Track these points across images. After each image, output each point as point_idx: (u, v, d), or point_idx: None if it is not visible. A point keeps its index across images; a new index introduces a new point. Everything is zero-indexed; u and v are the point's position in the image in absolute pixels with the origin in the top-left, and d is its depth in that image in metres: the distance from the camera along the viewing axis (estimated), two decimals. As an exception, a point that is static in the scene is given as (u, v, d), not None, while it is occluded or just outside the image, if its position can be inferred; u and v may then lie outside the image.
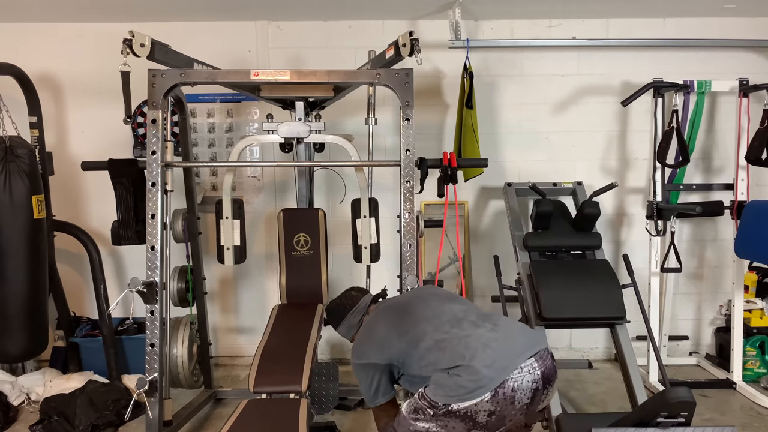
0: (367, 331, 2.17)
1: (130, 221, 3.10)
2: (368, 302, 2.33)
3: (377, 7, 3.71)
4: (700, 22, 4.01)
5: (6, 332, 3.06)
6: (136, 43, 2.62)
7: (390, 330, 2.05)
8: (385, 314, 2.16)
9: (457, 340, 1.87)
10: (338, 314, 2.35)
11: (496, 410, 1.79)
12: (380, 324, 2.12)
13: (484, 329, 1.91)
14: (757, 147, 3.51)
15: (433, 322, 1.98)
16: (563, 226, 3.57)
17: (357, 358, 2.09)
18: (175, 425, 2.98)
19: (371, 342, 2.09)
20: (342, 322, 2.34)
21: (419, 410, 1.89)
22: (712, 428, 1.97)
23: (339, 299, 2.39)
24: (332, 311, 2.38)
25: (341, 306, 2.35)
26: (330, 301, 2.43)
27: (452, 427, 1.82)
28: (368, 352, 2.06)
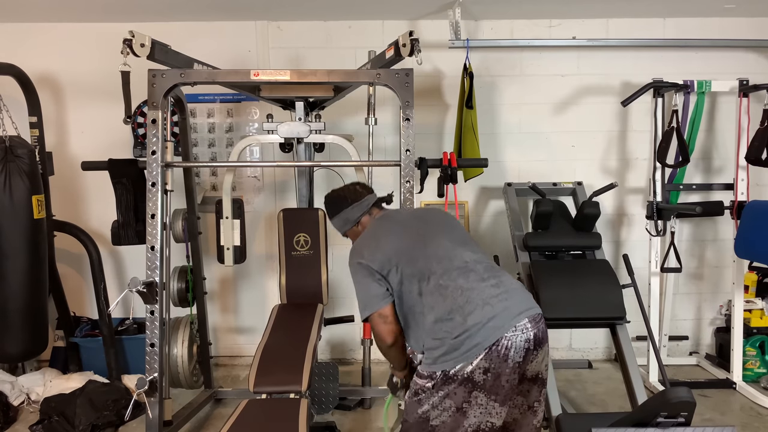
0: (373, 237, 2.08)
1: (130, 221, 3.10)
2: (371, 202, 2.24)
3: (377, 7, 3.71)
4: (700, 22, 4.01)
5: (6, 332, 3.06)
6: (136, 43, 2.62)
7: (399, 250, 1.99)
8: (395, 230, 2.07)
9: (460, 292, 1.87)
10: (337, 205, 2.26)
11: (490, 367, 1.80)
12: (390, 237, 2.04)
13: (487, 284, 1.90)
14: (757, 147, 3.51)
15: (443, 264, 1.93)
16: (563, 226, 3.57)
17: (357, 257, 2.02)
18: (175, 425, 2.98)
19: (377, 250, 2.01)
20: (339, 213, 2.25)
21: (419, 391, 1.89)
22: (712, 428, 1.97)
23: (341, 190, 2.30)
24: (332, 200, 2.29)
25: (342, 198, 2.26)
26: (331, 190, 2.34)
27: (454, 394, 1.83)
28: (371, 256, 2.00)
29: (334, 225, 2.28)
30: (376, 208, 2.26)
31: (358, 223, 2.22)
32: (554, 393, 2.90)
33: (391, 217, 2.19)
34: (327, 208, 2.30)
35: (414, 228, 2.07)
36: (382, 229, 2.11)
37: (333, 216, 2.26)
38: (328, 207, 2.29)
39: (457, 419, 1.85)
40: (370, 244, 2.05)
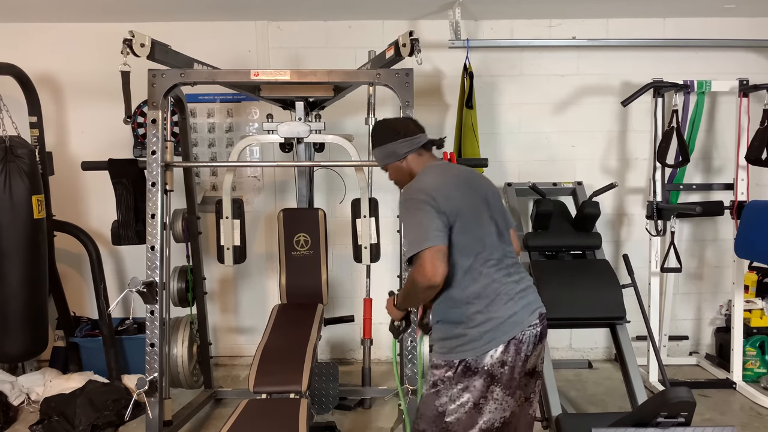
0: (441, 183, 1.93)
1: (130, 221, 3.10)
2: (423, 141, 2.08)
3: (377, 7, 3.71)
4: (700, 22, 4.01)
5: (6, 332, 3.06)
6: (136, 43, 2.62)
7: (463, 211, 1.89)
8: (461, 188, 1.95)
9: (490, 281, 1.87)
10: (385, 135, 2.10)
11: (507, 360, 1.84)
12: (457, 192, 1.92)
13: (512, 280, 1.92)
14: (757, 147, 3.51)
15: (488, 250, 1.90)
16: (563, 226, 3.57)
17: (421, 194, 1.87)
18: (175, 425, 2.98)
19: (448, 198, 1.88)
20: (385, 144, 2.08)
21: (437, 382, 1.90)
22: (712, 428, 1.97)
23: (394, 122, 2.15)
24: (382, 129, 2.13)
25: (393, 129, 2.10)
26: (383, 119, 2.20)
27: (473, 387, 1.85)
28: (441, 198, 1.86)
29: (376, 155, 2.13)
30: (426, 150, 2.11)
31: (404, 159, 2.07)
32: (554, 393, 2.90)
33: (453, 171, 2.04)
34: (374, 135, 2.14)
35: (475, 198, 1.96)
36: (448, 178, 1.97)
37: (378, 145, 2.11)
38: (376, 135, 2.13)
39: (472, 416, 1.86)
40: (439, 187, 1.90)
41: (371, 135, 2.18)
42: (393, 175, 2.14)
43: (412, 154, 2.07)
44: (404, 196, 1.94)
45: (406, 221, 1.89)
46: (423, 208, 1.84)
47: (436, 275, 1.79)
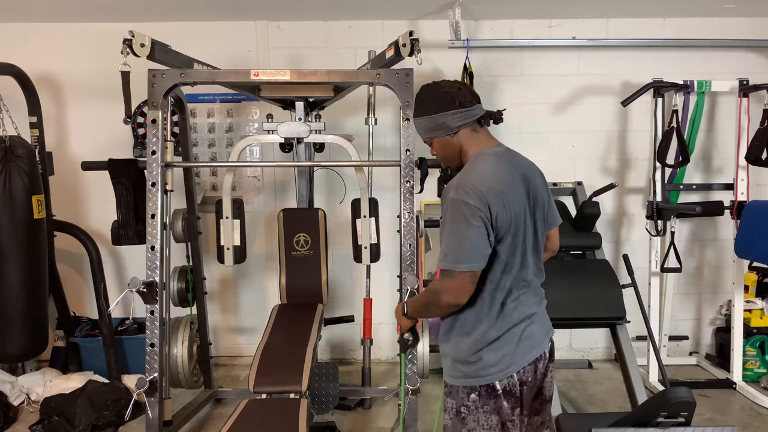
0: (493, 173, 1.66)
1: (130, 221, 3.10)
2: (479, 114, 1.77)
3: (377, 7, 3.71)
4: (700, 22, 4.01)
5: (6, 332, 3.06)
6: (136, 43, 2.62)
7: (519, 218, 1.67)
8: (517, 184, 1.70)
9: (516, 301, 1.73)
10: (437, 102, 1.73)
11: (527, 380, 1.76)
12: (512, 190, 1.67)
13: (536, 300, 1.81)
14: (757, 147, 3.51)
15: (522, 268, 1.74)
16: (563, 226, 3.54)
17: (462, 195, 1.60)
18: (175, 425, 2.98)
19: (505, 206, 1.62)
20: (435, 113, 1.73)
21: (462, 409, 1.75)
22: (712, 428, 1.97)
23: (447, 86, 1.76)
24: (431, 94, 1.76)
25: (447, 96, 1.73)
26: (432, 82, 1.81)
27: (499, 408, 1.72)
28: (489, 197, 1.60)
29: (419, 126, 1.79)
30: (480, 126, 1.80)
31: (456, 134, 1.75)
32: (554, 393, 2.90)
33: (514, 162, 1.77)
34: (421, 101, 1.78)
35: (528, 203, 1.72)
36: (508, 173, 1.69)
37: (425, 114, 1.75)
38: (424, 101, 1.77)
39: None
40: (497, 187, 1.63)
41: (417, 100, 1.80)
42: (439, 151, 1.81)
43: (465, 129, 1.75)
44: (454, 192, 1.62)
45: (450, 227, 1.63)
46: (472, 222, 1.59)
47: (462, 298, 1.66)
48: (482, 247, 1.61)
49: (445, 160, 1.83)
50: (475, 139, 1.77)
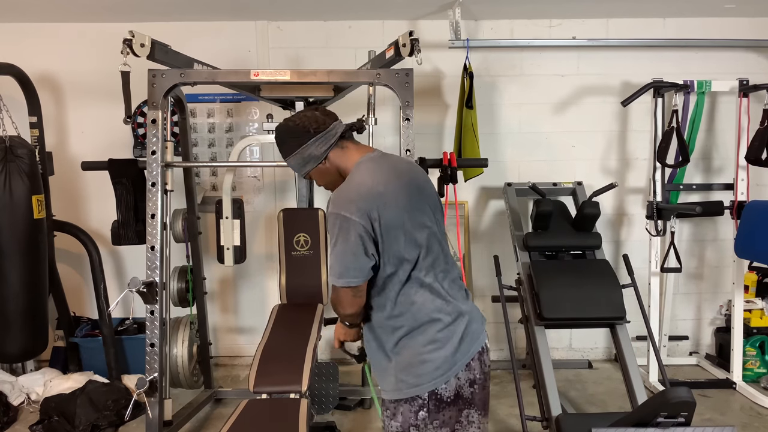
0: (367, 180, 1.65)
1: (130, 221, 3.10)
2: (340, 131, 1.74)
3: (377, 7, 3.71)
4: (700, 22, 4.01)
5: (6, 332, 3.06)
6: (136, 43, 2.62)
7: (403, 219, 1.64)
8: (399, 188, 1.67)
9: (445, 294, 1.70)
10: (296, 137, 1.70)
11: (476, 378, 1.71)
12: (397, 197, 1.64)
13: (458, 286, 1.76)
14: (757, 147, 3.51)
15: (433, 258, 1.70)
16: (563, 226, 3.57)
17: (339, 207, 1.61)
18: (175, 425, 2.98)
19: (372, 197, 1.61)
20: (299, 148, 1.70)
21: (411, 428, 1.67)
22: (712, 428, 1.97)
23: (297, 119, 1.73)
24: (287, 131, 1.73)
25: (302, 128, 1.70)
26: (284, 120, 1.78)
27: (449, 419, 1.68)
28: (365, 204, 1.59)
29: (291, 164, 1.75)
30: (348, 140, 1.78)
31: (326, 160, 1.73)
32: (554, 393, 2.90)
33: (388, 164, 1.75)
34: (281, 143, 1.74)
35: (415, 196, 1.70)
36: (386, 176, 1.67)
37: (290, 154, 1.72)
38: (283, 141, 1.73)
39: None
40: (373, 192, 1.61)
41: (278, 143, 1.76)
42: (321, 180, 1.81)
43: (333, 151, 1.72)
44: (333, 206, 1.63)
45: (332, 241, 1.64)
46: (349, 237, 1.59)
47: (348, 308, 1.71)
48: (361, 262, 1.61)
49: (330, 185, 1.78)
50: (346, 155, 1.75)
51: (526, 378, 3.64)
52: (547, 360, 3.01)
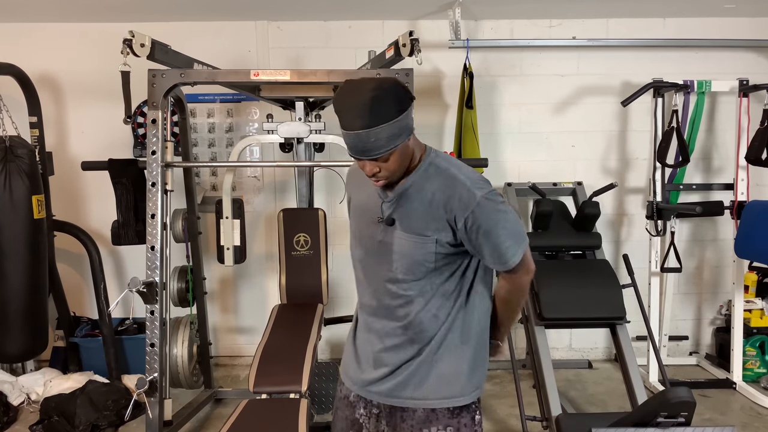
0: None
1: (130, 221, 3.10)
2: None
3: (377, 7, 3.71)
4: (700, 22, 4.01)
5: (6, 332, 3.06)
6: (136, 43, 2.62)
7: None
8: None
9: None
10: (398, 102, 1.37)
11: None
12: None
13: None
14: (757, 147, 3.51)
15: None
16: (563, 226, 3.57)
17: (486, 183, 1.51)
18: (175, 425, 2.98)
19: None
20: (398, 115, 1.36)
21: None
22: (712, 428, 1.97)
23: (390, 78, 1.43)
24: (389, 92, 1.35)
25: (406, 91, 1.40)
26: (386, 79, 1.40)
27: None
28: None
29: (380, 136, 1.35)
30: None
31: (411, 136, 1.45)
32: (554, 393, 2.90)
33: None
34: (380, 103, 1.33)
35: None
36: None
37: (391, 118, 1.35)
38: (384, 101, 1.34)
39: None
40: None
41: (374, 103, 1.33)
42: (397, 163, 1.44)
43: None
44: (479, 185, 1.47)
45: (504, 221, 1.48)
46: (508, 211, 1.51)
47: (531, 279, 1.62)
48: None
49: (398, 172, 1.47)
50: (416, 140, 1.52)
51: (526, 378, 3.64)
52: (547, 360, 3.01)
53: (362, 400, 1.63)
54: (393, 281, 1.53)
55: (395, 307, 1.54)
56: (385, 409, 1.59)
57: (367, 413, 1.63)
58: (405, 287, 1.52)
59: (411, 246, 1.49)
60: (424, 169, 1.50)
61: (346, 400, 1.68)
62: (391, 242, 1.52)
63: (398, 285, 1.53)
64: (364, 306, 1.64)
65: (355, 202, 1.64)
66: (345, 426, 1.68)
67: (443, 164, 1.51)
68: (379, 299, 1.57)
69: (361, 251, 1.61)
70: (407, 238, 1.49)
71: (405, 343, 1.55)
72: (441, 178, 1.49)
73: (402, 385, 1.55)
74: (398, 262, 1.51)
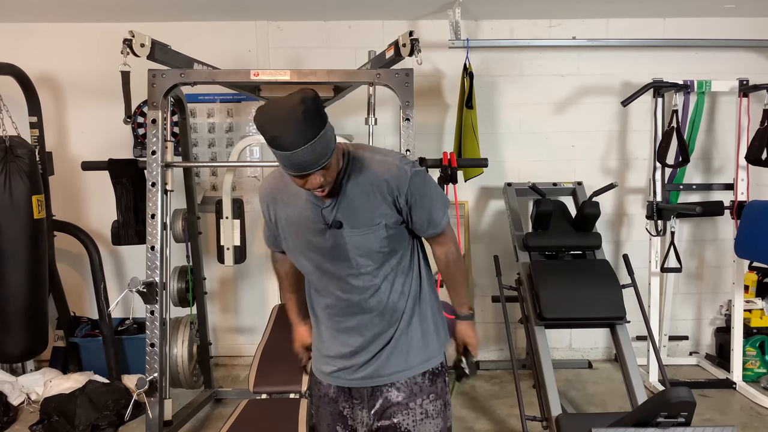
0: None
1: (130, 221, 3.10)
2: None
3: (377, 7, 3.71)
4: (700, 22, 4.01)
5: (6, 332, 3.06)
6: (136, 43, 2.62)
7: None
8: None
9: None
10: (322, 117, 1.42)
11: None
12: None
13: None
14: (757, 147, 3.51)
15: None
16: (563, 226, 3.56)
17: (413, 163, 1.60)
18: (175, 425, 2.97)
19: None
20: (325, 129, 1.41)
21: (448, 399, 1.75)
22: (712, 428, 1.97)
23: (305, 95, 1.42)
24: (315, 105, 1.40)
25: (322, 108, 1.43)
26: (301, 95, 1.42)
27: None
28: None
29: (317, 150, 1.39)
30: None
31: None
32: (554, 393, 2.90)
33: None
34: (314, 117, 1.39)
35: None
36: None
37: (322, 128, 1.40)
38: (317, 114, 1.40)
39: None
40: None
41: (303, 124, 1.37)
42: (335, 169, 1.50)
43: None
44: (409, 165, 1.58)
45: (435, 191, 1.63)
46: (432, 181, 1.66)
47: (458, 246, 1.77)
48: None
49: (332, 176, 1.49)
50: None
51: (526, 378, 3.64)
52: (547, 360, 3.01)
53: (343, 392, 1.70)
54: (357, 276, 1.59)
55: (366, 299, 1.60)
56: (366, 392, 1.66)
57: (349, 404, 1.70)
58: (370, 278, 1.59)
59: (364, 239, 1.56)
60: (351, 165, 1.56)
61: (327, 398, 1.74)
62: (344, 242, 1.56)
63: (363, 278, 1.59)
64: (329, 310, 1.67)
65: (286, 219, 1.64)
66: (331, 421, 1.73)
67: (365, 154, 1.59)
68: (347, 299, 1.62)
69: (312, 261, 1.63)
70: (359, 233, 1.55)
71: (384, 328, 1.63)
72: (371, 167, 1.56)
73: (384, 364, 1.63)
74: (357, 258, 1.57)
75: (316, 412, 1.79)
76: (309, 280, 1.70)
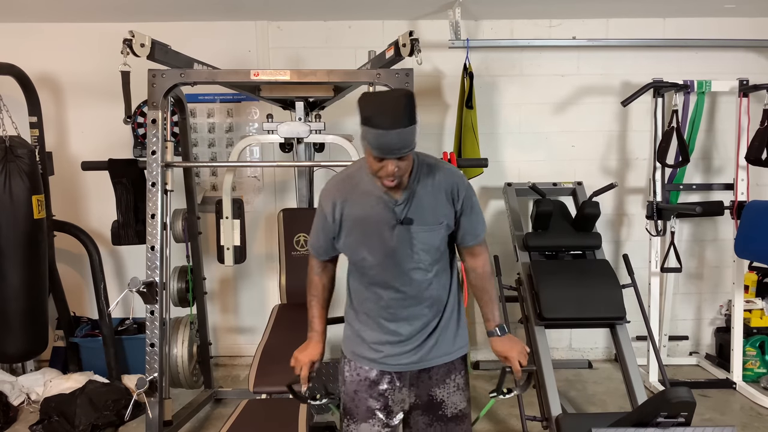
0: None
1: (130, 221, 3.10)
2: None
3: (377, 7, 3.71)
4: (700, 22, 4.01)
5: (6, 332, 3.06)
6: (136, 43, 2.62)
7: None
8: None
9: None
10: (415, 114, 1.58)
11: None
12: None
13: None
14: (757, 147, 3.51)
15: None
16: (563, 226, 3.57)
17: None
18: (175, 425, 2.98)
19: None
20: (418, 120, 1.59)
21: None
22: (712, 428, 1.97)
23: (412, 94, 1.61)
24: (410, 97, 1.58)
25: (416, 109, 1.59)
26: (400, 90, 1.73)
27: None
28: None
29: (406, 138, 1.55)
30: None
31: None
32: (554, 393, 2.90)
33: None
34: (411, 107, 1.55)
35: None
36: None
37: (411, 126, 1.55)
38: (412, 105, 1.56)
39: None
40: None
41: (406, 109, 1.54)
42: (409, 164, 1.67)
43: None
44: (464, 180, 1.79)
45: (477, 203, 1.83)
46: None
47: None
48: None
49: (408, 172, 1.68)
50: None
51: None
52: (547, 360, 3.01)
53: (387, 375, 1.84)
54: (418, 270, 1.76)
55: (423, 290, 1.78)
56: (412, 375, 1.85)
57: (392, 386, 1.85)
58: (428, 273, 1.77)
59: (429, 235, 1.74)
60: (420, 170, 1.75)
61: (368, 380, 1.86)
62: (411, 237, 1.73)
63: (423, 272, 1.77)
64: (382, 302, 1.80)
65: (355, 216, 1.77)
66: (371, 403, 1.86)
67: (430, 161, 1.80)
68: (404, 291, 1.77)
69: (376, 256, 1.76)
70: (425, 229, 1.73)
71: (430, 318, 1.81)
72: (436, 172, 1.77)
73: (430, 350, 1.83)
74: (420, 253, 1.74)
75: (352, 398, 1.89)
76: (364, 275, 1.82)
